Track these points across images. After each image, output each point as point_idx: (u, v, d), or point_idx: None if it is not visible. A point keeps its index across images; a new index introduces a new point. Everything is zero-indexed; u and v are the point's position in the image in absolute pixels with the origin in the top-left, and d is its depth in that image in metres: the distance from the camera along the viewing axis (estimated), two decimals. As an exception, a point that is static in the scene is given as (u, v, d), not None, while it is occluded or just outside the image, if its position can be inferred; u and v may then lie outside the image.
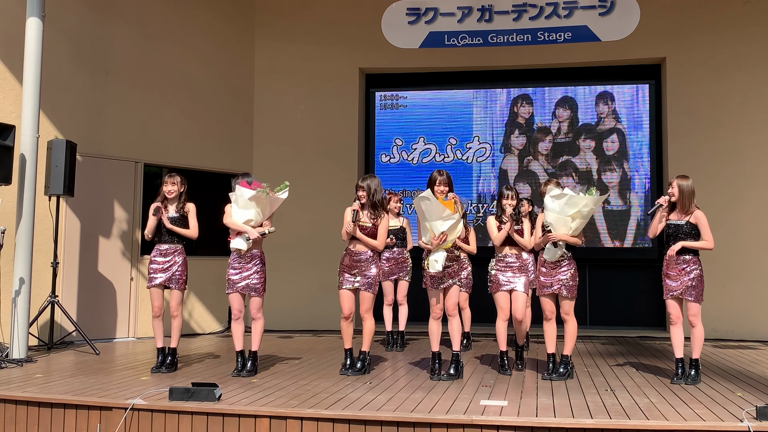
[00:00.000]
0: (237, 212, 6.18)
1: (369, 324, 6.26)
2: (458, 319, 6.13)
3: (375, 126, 10.99)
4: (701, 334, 5.85)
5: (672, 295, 5.95)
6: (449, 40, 10.34)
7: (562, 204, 5.93)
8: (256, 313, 6.26)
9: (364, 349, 6.32)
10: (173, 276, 6.53)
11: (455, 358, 6.09)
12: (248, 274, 6.24)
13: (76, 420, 5.08)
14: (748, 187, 9.60)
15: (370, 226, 6.23)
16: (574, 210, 5.93)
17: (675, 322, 5.97)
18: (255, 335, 6.30)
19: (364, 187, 6.25)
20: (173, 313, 6.59)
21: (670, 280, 5.96)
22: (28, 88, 7.15)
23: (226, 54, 10.40)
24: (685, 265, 5.91)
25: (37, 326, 7.84)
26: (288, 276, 9.65)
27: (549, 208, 6.01)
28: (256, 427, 4.75)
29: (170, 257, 6.55)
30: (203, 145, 9.97)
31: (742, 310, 9.40)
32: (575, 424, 4.47)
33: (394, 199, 7.97)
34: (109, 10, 9.09)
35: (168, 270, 6.53)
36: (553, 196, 5.99)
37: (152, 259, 6.57)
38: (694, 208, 5.92)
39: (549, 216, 6.01)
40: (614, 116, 10.41)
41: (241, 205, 6.15)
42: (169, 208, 6.59)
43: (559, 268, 6.09)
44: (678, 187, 5.90)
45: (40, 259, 7.90)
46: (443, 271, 5.97)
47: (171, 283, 6.54)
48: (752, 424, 4.33)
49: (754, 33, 9.75)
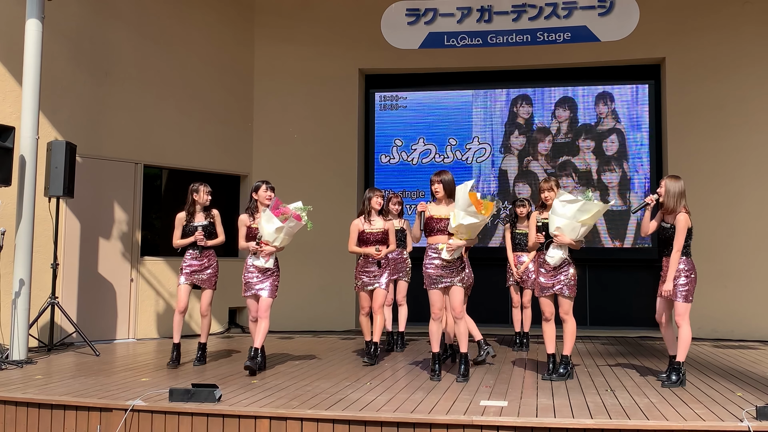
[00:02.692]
0: (260, 227, 6.39)
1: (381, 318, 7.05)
2: (465, 321, 6.11)
3: (375, 126, 10.99)
4: (687, 336, 5.72)
5: (661, 295, 5.92)
6: (449, 40, 10.35)
7: (574, 210, 5.85)
8: (264, 313, 6.46)
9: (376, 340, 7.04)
10: (206, 277, 6.93)
11: (464, 359, 6.06)
12: (264, 278, 6.55)
13: (76, 421, 5.07)
14: (748, 187, 9.60)
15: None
16: (586, 216, 5.87)
17: (662, 322, 5.97)
18: (262, 333, 6.48)
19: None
20: (204, 312, 6.94)
21: (662, 282, 5.88)
22: (28, 90, 7.15)
23: (225, 55, 10.40)
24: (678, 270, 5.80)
25: (37, 327, 7.84)
26: (288, 277, 9.62)
27: (559, 213, 5.91)
28: (256, 427, 4.74)
29: (204, 260, 6.94)
30: (203, 146, 9.98)
31: (742, 310, 9.40)
32: (575, 425, 4.47)
33: (394, 200, 7.98)
34: (109, 12, 9.09)
35: (201, 272, 6.92)
36: (564, 200, 5.90)
37: (186, 260, 6.93)
38: (681, 210, 5.78)
39: (558, 221, 5.92)
40: (614, 116, 10.41)
41: (265, 228, 6.32)
42: (197, 215, 6.95)
43: (560, 269, 6.07)
44: (665, 186, 5.82)
45: (40, 260, 7.90)
46: (444, 266, 5.98)
47: (204, 283, 6.93)
48: (752, 424, 4.32)
49: (754, 33, 9.75)
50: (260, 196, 6.65)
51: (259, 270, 6.50)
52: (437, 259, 6.00)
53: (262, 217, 6.35)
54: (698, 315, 9.35)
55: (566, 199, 5.90)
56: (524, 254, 7.86)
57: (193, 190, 6.96)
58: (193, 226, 6.92)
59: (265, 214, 6.33)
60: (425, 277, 6.09)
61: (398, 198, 8.05)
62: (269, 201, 6.51)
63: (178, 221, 6.94)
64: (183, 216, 6.96)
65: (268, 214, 6.29)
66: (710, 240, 9.40)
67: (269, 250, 6.42)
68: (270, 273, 6.51)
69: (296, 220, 6.30)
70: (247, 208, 6.74)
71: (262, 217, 6.36)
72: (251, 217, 6.64)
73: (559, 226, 5.92)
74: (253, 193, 6.71)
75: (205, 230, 6.89)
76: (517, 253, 7.95)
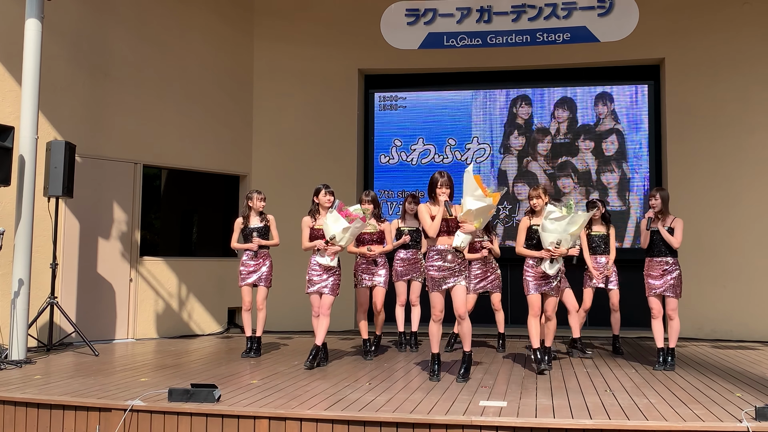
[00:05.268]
0: (326, 228, 6.76)
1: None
2: (468, 321, 6.07)
3: (374, 127, 10.99)
4: (678, 327, 6.72)
5: (655, 293, 6.71)
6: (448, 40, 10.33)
7: (564, 224, 6.34)
8: (326, 311, 6.91)
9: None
10: (262, 276, 7.55)
11: (466, 358, 6.07)
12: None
13: (75, 421, 5.07)
14: (747, 187, 9.61)
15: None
16: (575, 227, 6.38)
17: (657, 316, 6.74)
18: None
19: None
20: (259, 306, 7.58)
21: (653, 280, 6.72)
22: (27, 90, 7.15)
23: (225, 55, 10.40)
24: (668, 267, 6.68)
25: (36, 327, 7.83)
26: (287, 277, 9.64)
27: (550, 229, 6.37)
28: (255, 428, 4.74)
29: (260, 260, 7.57)
30: (202, 146, 9.97)
31: (741, 311, 9.41)
32: (574, 425, 4.47)
33: (409, 200, 7.99)
34: (108, 12, 9.09)
35: (257, 271, 7.54)
36: (553, 218, 6.36)
37: (243, 261, 7.59)
38: (669, 214, 6.78)
39: (551, 236, 6.37)
40: (613, 117, 10.41)
41: (332, 228, 6.69)
42: (253, 220, 7.64)
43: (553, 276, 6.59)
44: (660, 197, 6.72)
45: (39, 260, 7.89)
46: (446, 268, 5.96)
47: (259, 281, 7.55)
48: (751, 425, 4.33)
49: (753, 34, 9.76)
50: (321, 199, 7.09)
51: (322, 268, 6.85)
52: (440, 260, 5.99)
53: (328, 218, 6.72)
54: (697, 315, 9.39)
55: (555, 216, 6.37)
56: (601, 256, 7.73)
57: (247, 197, 7.69)
58: (250, 228, 7.60)
59: (332, 215, 6.71)
60: (428, 279, 6.07)
61: (411, 198, 8.03)
62: (329, 204, 6.95)
63: (237, 225, 7.67)
64: (240, 221, 7.67)
65: (336, 215, 6.67)
66: (709, 240, 9.41)
67: (335, 249, 6.78)
68: (333, 271, 6.89)
69: (362, 221, 6.75)
70: (309, 211, 7.17)
71: (328, 218, 6.73)
72: (313, 218, 7.09)
73: (553, 242, 6.39)
74: (314, 197, 7.13)
75: (260, 232, 7.58)
76: (595, 256, 7.75)
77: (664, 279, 6.65)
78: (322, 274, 6.88)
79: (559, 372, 6.54)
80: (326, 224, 6.73)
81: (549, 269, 6.46)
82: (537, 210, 6.66)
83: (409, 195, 8.13)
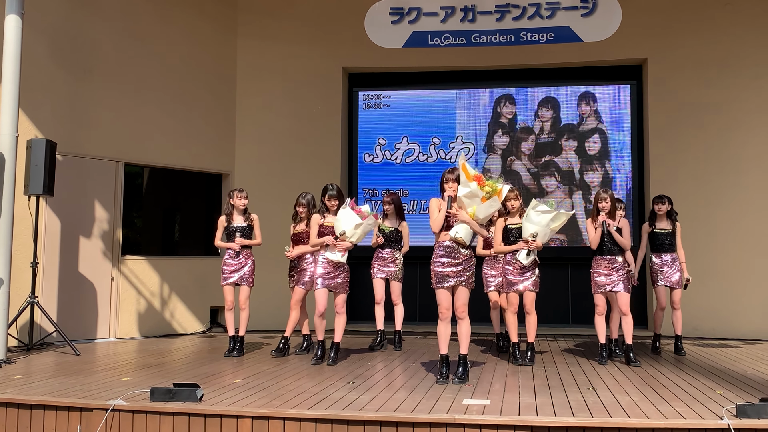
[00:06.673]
0: (337, 224, 6.79)
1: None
2: (468, 321, 5.96)
3: (358, 125, 10.97)
4: (632, 321, 6.86)
5: (602, 290, 6.92)
6: (432, 39, 10.33)
7: (548, 219, 6.65)
8: (341, 309, 6.95)
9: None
10: (244, 275, 7.56)
11: (463, 360, 5.94)
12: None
13: (56, 421, 5.02)
14: (729, 186, 9.69)
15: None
16: (557, 224, 6.73)
17: (602, 313, 6.93)
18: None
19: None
20: (242, 306, 7.59)
21: (601, 278, 6.92)
22: (7, 87, 7.07)
23: (208, 53, 10.34)
24: (617, 265, 6.89)
25: (16, 327, 7.75)
26: (270, 276, 9.60)
27: (534, 221, 6.66)
28: (238, 427, 4.72)
29: (241, 259, 7.58)
30: (185, 144, 9.91)
31: (723, 309, 9.49)
32: (557, 423, 4.49)
33: (385, 199, 7.99)
34: (90, 8, 9.01)
35: (240, 270, 7.55)
36: (540, 211, 6.65)
37: (225, 261, 7.61)
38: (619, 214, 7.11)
39: (531, 228, 6.67)
40: (596, 116, 10.46)
41: (344, 224, 6.73)
42: (236, 218, 7.63)
43: (528, 268, 6.87)
44: (611, 200, 6.92)
45: (19, 259, 7.81)
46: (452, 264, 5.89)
47: (242, 281, 7.56)
48: (732, 422, 4.36)
49: (734, 34, 9.85)
50: (327, 201, 7.13)
51: (331, 264, 6.84)
52: (445, 257, 5.92)
53: (340, 214, 6.77)
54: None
55: (542, 209, 6.66)
56: (666, 254, 7.62)
57: (229, 195, 7.71)
58: (234, 227, 7.60)
59: (344, 211, 6.75)
60: (432, 275, 5.96)
61: (390, 198, 8.01)
62: (334, 207, 7.00)
63: (220, 224, 7.66)
64: (224, 219, 7.67)
65: (349, 211, 6.72)
66: (691, 239, 9.47)
67: (346, 245, 6.78)
68: (342, 269, 6.91)
69: (374, 218, 6.86)
70: (318, 210, 7.22)
71: (340, 214, 6.78)
72: (322, 216, 7.10)
73: (532, 233, 6.66)
74: (323, 197, 7.12)
75: (243, 232, 7.59)
76: (660, 254, 7.63)
77: (613, 278, 6.88)
78: (330, 271, 6.86)
79: (542, 369, 6.57)
80: (338, 220, 6.78)
81: (524, 260, 6.77)
82: (512, 211, 7.04)
83: (386, 194, 8.12)
